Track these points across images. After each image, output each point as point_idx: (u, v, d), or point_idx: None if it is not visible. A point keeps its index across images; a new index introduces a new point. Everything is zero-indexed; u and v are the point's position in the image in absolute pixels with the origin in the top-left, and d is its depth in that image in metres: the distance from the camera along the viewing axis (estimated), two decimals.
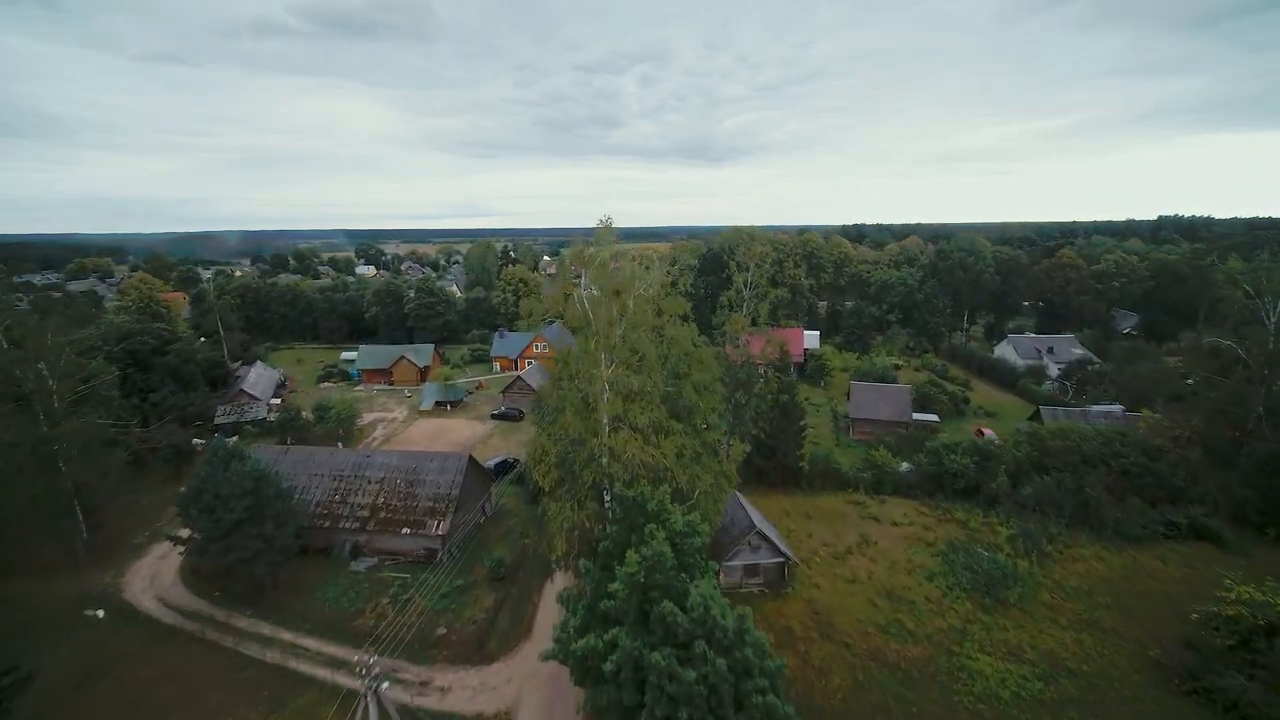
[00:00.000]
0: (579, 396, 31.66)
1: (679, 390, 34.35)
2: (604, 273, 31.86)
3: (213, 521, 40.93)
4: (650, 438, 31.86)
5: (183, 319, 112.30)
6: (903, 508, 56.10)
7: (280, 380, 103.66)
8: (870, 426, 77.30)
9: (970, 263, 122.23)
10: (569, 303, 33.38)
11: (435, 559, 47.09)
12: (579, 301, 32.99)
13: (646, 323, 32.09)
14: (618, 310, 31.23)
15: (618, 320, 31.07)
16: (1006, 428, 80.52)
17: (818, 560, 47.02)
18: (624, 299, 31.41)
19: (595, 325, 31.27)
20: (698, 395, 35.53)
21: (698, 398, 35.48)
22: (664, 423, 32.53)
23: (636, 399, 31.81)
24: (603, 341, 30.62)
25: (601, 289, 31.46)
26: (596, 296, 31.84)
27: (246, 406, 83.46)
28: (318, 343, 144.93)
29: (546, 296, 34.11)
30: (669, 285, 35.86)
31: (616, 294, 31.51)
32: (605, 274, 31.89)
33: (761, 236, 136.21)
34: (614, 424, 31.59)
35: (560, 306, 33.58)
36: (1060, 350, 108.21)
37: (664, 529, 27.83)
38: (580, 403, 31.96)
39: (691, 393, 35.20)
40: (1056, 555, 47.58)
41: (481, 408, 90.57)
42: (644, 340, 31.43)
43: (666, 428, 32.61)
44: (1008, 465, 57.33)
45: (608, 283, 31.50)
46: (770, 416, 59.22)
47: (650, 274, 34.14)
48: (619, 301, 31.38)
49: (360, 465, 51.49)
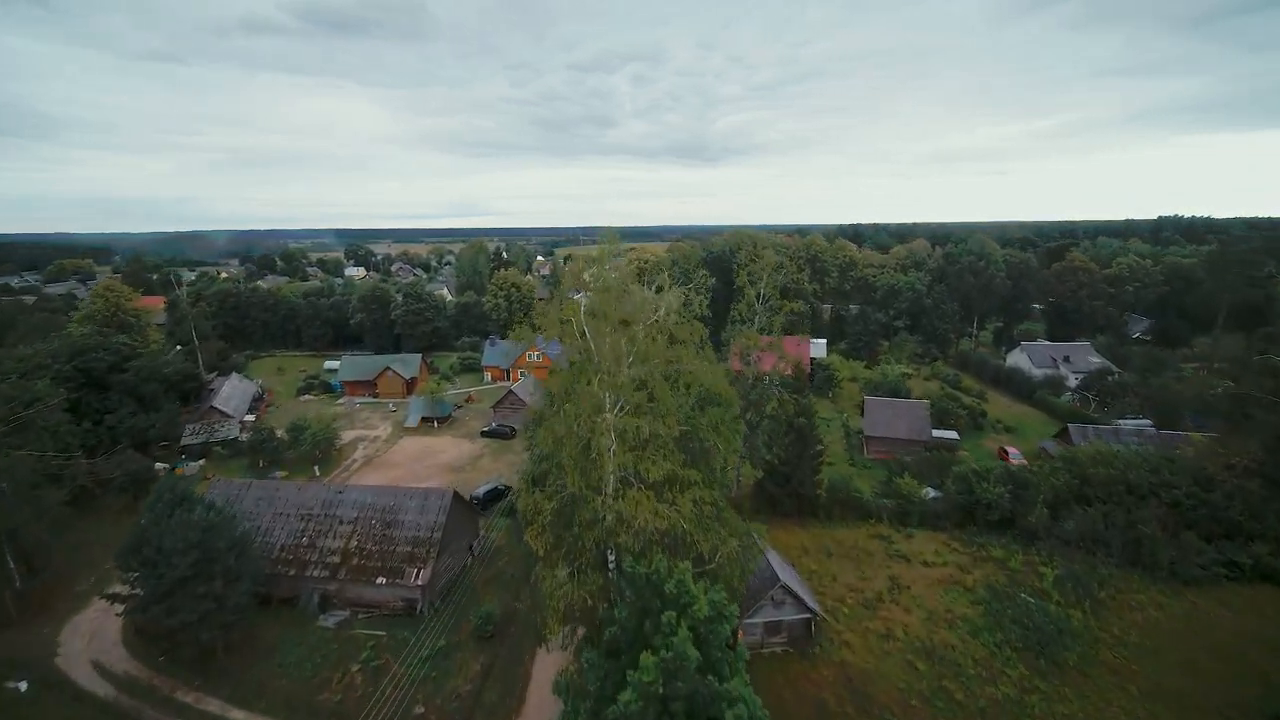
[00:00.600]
0: (578, 445, 26.32)
1: (694, 428, 29.09)
2: (609, 297, 26.48)
3: (154, 578, 35.45)
4: (664, 493, 26.62)
5: (155, 328, 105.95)
6: (932, 543, 51.09)
7: (257, 393, 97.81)
8: (887, 445, 72.37)
9: (981, 266, 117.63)
10: (566, 328, 27.98)
11: (415, 612, 41.68)
12: (578, 330, 27.63)
13: (659, 355, 26.78)
14: (626, 342, 25.94)
15: (626, 354, 25.75)
16: (1029, 445, 75.87)
17: (845, 610, 41.87)
18: (634, 329, 26.09)
19: (599, 361, 25.96)
20: (717, 435, 30.29)
21: (717, 438, 30.24)
22: (679, 472, 27.27)
23: (647, 446, 26.52)
24: (608, 380, 25.31)
25: (606, 316, 26.13)
26: (600, 324, 26.48)
27: (217, 425, 77.61)
28: (301, 350, 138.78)
29: (541, 319, 28.70)
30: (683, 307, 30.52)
31: (625, 324, 26.22)
32: (611, 298, 26.51)
33: (763, 238, 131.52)
34: (620, 478, 26.33)
35: (557, 331, 28.19)
36: (1077, 359, 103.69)
37: (685, 617, 22.61)
38: (580, 452, 26.63)
39: (710, 433, 29.94)
40: (1109, 602, 42.67)
41: (471, 423, 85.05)
42: (657, 378, 26.12)
43: (682, 478, 27.34)
44: (1045, 495, 52.38)
45: (614, 310, 26.16)
46: (785, 440, 54.15)
47: (665, 296, 28.76)
48: (628, 332, 26.08)
49: (331, 503, 45.94)
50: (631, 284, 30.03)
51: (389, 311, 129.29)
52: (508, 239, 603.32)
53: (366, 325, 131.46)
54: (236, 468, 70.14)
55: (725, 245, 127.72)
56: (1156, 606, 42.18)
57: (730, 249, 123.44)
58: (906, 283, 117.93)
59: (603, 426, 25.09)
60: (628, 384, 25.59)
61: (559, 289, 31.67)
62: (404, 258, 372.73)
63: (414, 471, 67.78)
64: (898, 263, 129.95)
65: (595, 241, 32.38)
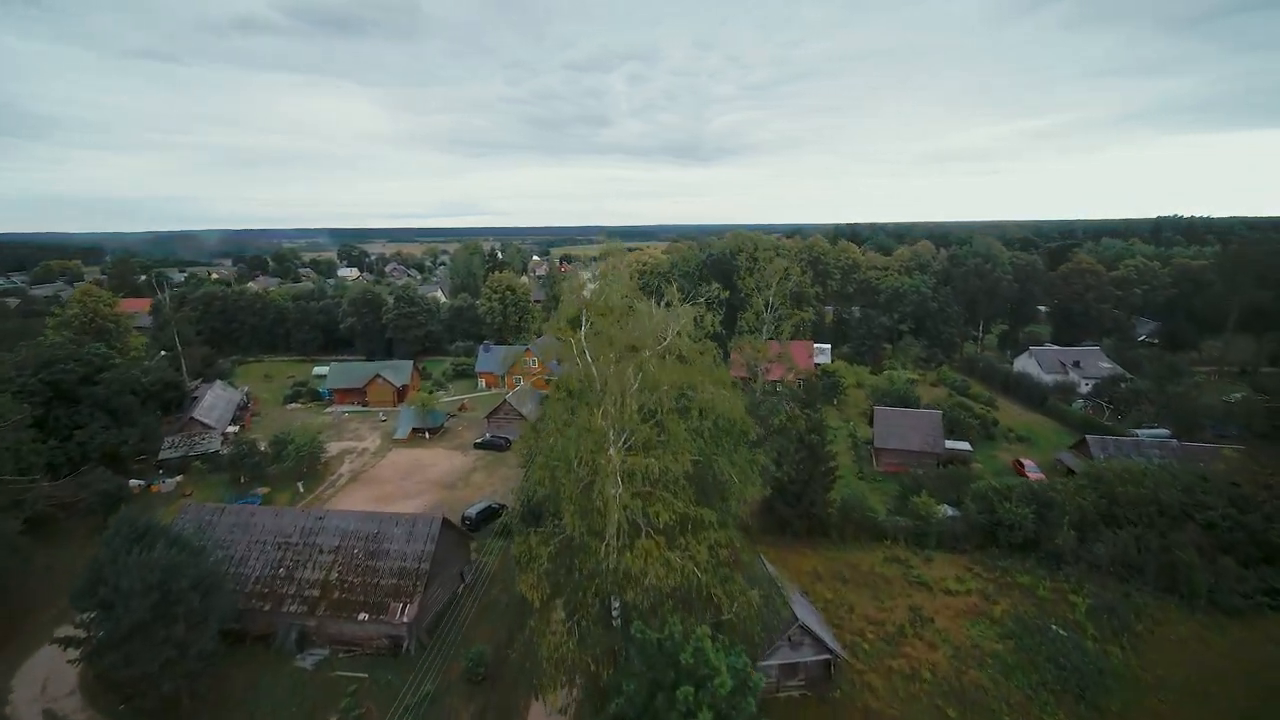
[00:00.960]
0: (579, 484, 23.16)
1: (707, 459, 25.95)
2: (613, 319, 23.31)
3: (110, 621, 32.14)
4: (676, 537, 23.50)
5: (137, 333, 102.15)
6: (953, 567, 48.13)
7: (242, 401, 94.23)
8: (898, 457, 69.40)
9: (987, 269, 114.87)
10: (565, 350, 24.77)
11: (401, 650, 38.46)
12: (578, 353, 24.44)
13: (670, 380, 23.62)
14: (633, 372, 22.78)
15: (633, 385, 22.61)
16: (1044, 456, 73.09)
17: (865, 647, 38.83)
18: (643, 358, 22.91)
19: (602, 389, 22.81)
20: (733, 467, 27.16)
21: (733, 470, 27.11)
22: (693, 513, 24.13)
23: (657, 485, 23.38)
24: (614, 415, 22.16)
25: (611, 341, 22.95)
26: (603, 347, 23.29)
27: (197, 437, 74.09)
28: (290, 354, 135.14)
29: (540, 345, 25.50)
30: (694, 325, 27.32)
31: (633, 350, 23.06)
32: (616, 320, 23.33)
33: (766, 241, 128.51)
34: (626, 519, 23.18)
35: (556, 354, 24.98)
36: (1088, 364, 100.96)
37: (705, 692, 19.51)
38: (580, 492, 23.48)
39: (726, 466, 26.80)
40: (1148, 636, 39.78)
41: (464, 434, 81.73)
42: (668, 408, 22.97)
43: (696, 519, 24.20)
44: (1071, 515, 49.46)
45: (620, 335, 22.98)
46: (795, 457, 51.13)
47: (675, 315, 25.56)
48: (634, 359, 22.91)
49: (311, 530, 42.63)
50: (637, 302, 26.79)
51: (380, 315, 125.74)
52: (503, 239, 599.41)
53: (357, 329, 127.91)
54: (216, 483, 66.76)
55: (726, 247, 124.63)
56: (1199, 641, 39.32)
57: (731, 251, 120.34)
58: (911, 285, 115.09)
59: (608, 468, 21.92)
60: (635, 416, 22.43)
61: (558, 309, 28.37)
62: (398, 258, 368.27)
63: (403, 488, 64.49)
64: (901, 265, 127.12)
65: (592, 241, 29.16)
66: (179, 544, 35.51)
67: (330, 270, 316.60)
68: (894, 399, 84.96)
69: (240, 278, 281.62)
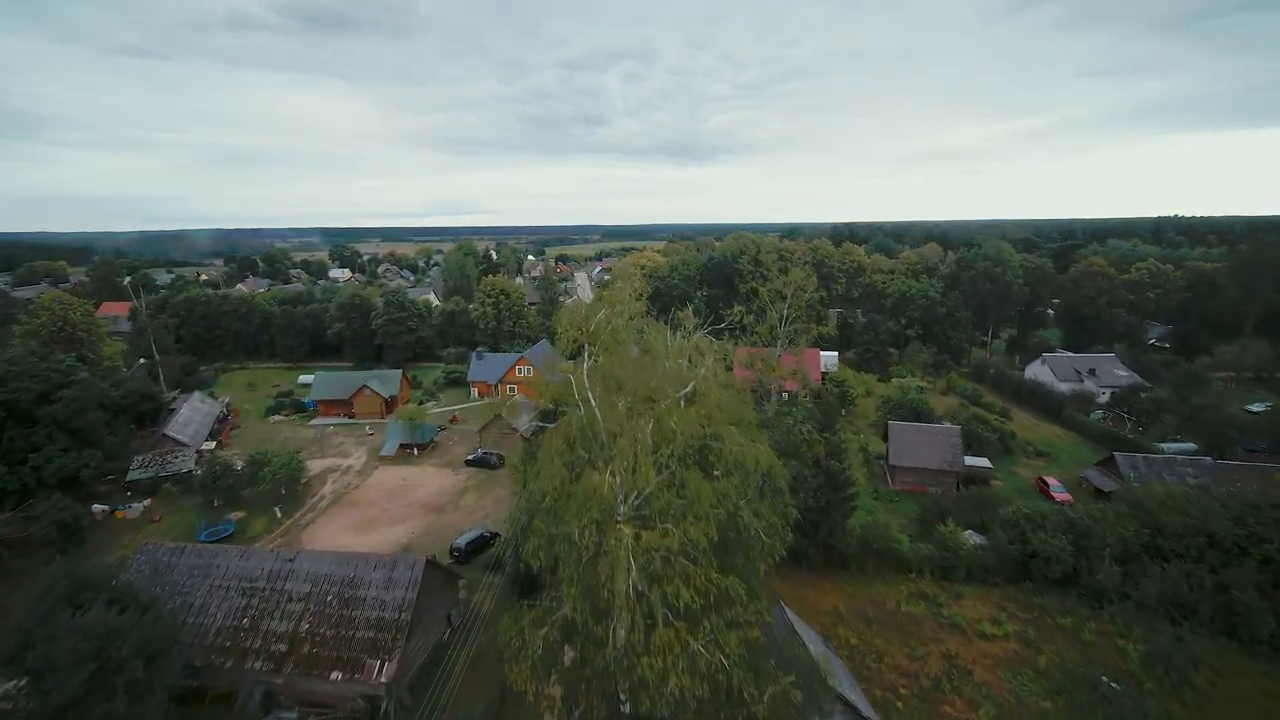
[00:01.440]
0: (581, 559, 19.03)
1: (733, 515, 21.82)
2: (624, 362, 19.15)
3: (40, 693, 27.88)
4: (699, 620, 19.40)
5: (112, 341, 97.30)
6: (985, 604, 44.21)
7: (222, 414, 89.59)
8: (914, 475, 65.56)
9: (998, 273, 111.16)
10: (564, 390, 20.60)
11: (379, 713, 34.25)
12: (580, 397, 20.27)
13: (692, 430, 19.44)
14: (650, 427, 18.66)
15: (649, 444, 18.47)
16: (1067, 473, 69.36)
17: (899, 706, 34.84)
18: (661, 410, 18.76)
19: (609, 445, 18.71)
20: (759, 520, 23.04)
21: (759, 523, 23.00)
22: (716, 582, 19.97)
23: (676, 556, 19.25)
24: (627, 479, 18.05)
25: (620, 385, 18.82)
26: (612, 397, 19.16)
27: (170, 456, 69.51)
28: (275, 361, 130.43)
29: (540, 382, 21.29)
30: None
31: (650, 402, 18.93)
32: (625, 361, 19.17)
33: (768, 243, 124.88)
34: (641, 611, 19.10)
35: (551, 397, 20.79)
36: (1104, 372, 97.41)
37: None
38: (583, 566, 19.34)
39: (750, 518, 22.66)
40: (1209, 689, 35.95)
41: (455, 450, 77.39)
42: (689, 467, 18.85)
43: (721, 592, 20.06)
44: (1112, 546, 45.57)
45: (632, 381, 18.84)
46: (812, 484, 47.11)
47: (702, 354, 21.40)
48: (653, 412, 18.79)
49: (279, 574, 38.32)
50: (650, 333, 22.57)
51: (369, 320, 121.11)
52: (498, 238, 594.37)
53: (345, 335, 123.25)
54: (188, 507, 62.28)
55: (727, 250, 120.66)
56: (1266, 696, 35.49)
57: (733, 254, 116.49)
58: (919, 289, 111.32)
59: (617, 549, 17.78)
60: (650, 477, 18.31)
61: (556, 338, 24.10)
62: (391, 259, 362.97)
63: (388, 512, 60.18)
64: (908, 268, 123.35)
65: (588, 240, 24.92)
66: (124, 600, 31.24)
67: (322, 271, 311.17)
68: (906, 410, 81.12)
69: (230, 279, 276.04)
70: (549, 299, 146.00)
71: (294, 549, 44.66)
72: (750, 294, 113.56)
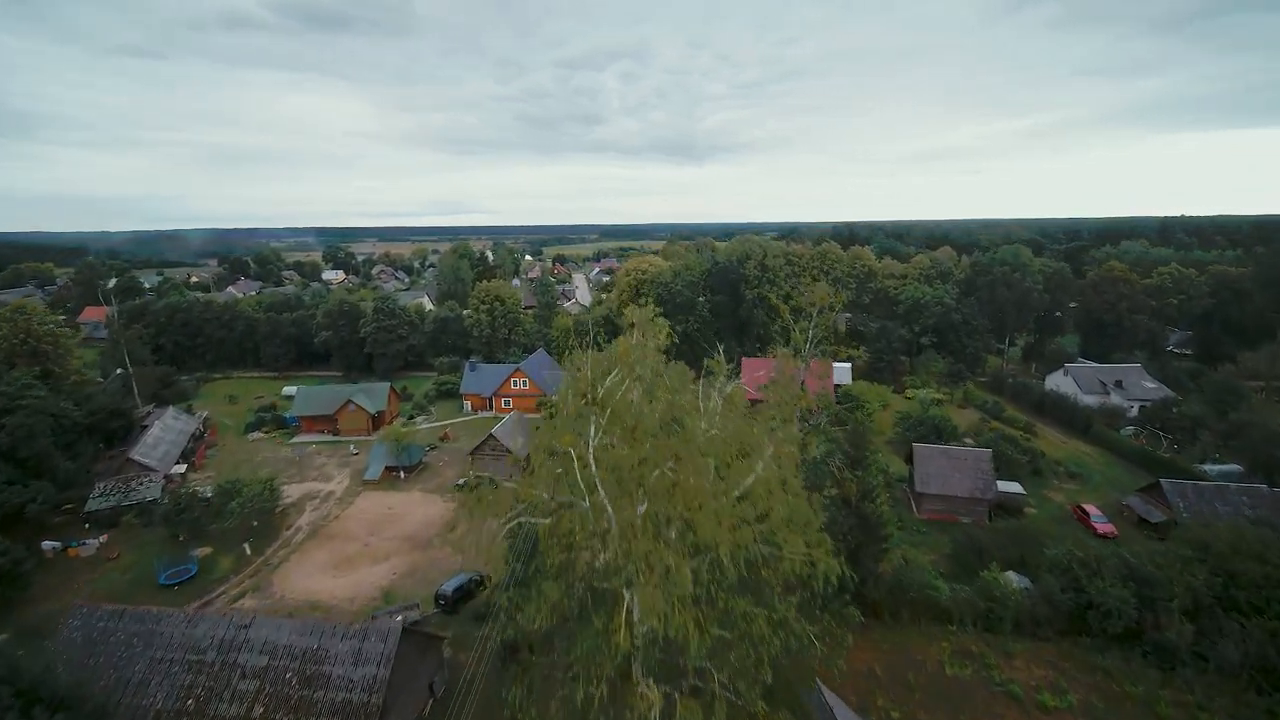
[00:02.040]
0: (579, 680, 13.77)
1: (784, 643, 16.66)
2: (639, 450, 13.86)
3: None
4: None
5: (78, 354, 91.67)
6: (1040, 665, 39.10)
7: (198, 431, 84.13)
8: (942, 503, 60.45)
9: (1016, 279, 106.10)
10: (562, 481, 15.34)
11: None
12: (585, 484, 15.02)
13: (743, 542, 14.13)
14: (674, 532, 13.44)
15: (687, 584, 13.15)
16: (1104, 498, 64.41)
17: None
18: (702, 521, 13.43)
19: (626, 558, 13.47)
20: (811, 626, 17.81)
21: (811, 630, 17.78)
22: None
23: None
24: (654, 621, 12.82)
25: (641, 482, 13.59)
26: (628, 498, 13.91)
27: (135, 482, 64.06)
28: (261, 370, 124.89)
29: (525, 482, 15.95)
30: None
31: (688, 520, 13.62)
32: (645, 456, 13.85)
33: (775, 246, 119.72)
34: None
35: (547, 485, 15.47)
36: (1130, 383, 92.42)
37: None
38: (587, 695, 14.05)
39: (804, 630, 17.39)
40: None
41: (445, 472, 72.08)
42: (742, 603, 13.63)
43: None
44: (1182, 598, 40.43)
45: (660, 483, 13.59)
46: (844, 527, 41.90)
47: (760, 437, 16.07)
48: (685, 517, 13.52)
49: (231, 644, 32.99)
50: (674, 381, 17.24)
51: (358, 328, 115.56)
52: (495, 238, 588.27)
53: (333, 344, 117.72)
54: (151, 541, 56.95)
55: (732, 254, 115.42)
56: None
57: (738, 259, 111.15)
58: (934, 295, 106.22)
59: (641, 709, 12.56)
60: (687, 628, 13.06)
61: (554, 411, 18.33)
62: (386, 260, 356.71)
63: (368, 549, 54.85)
64: (920, 272, 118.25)
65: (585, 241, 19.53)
66: (31, 694, 25.89)
67: (315, 273, 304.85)
68: (927, 428, 76.06)
69: (220, 281, 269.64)
70: (546, 303, 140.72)
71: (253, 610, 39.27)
72: (757, 300, 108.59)
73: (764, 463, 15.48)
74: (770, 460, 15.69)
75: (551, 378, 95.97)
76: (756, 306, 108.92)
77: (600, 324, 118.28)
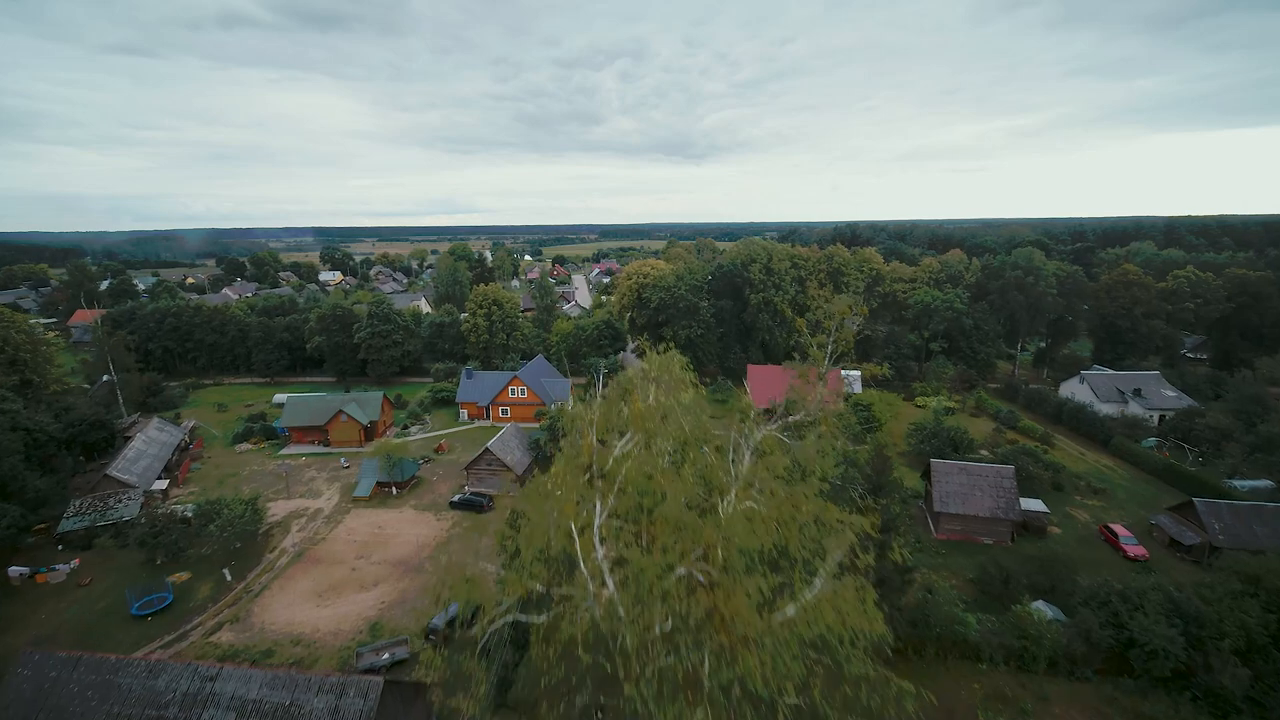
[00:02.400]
0: None
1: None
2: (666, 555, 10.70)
3: None
4: None
5: (59, 365, 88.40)
6: (1081, 712, 36.01)
7: (183, 442, 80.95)
8: (962, 523, 57.40)
9: (1029, 283, 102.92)
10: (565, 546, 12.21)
11: None
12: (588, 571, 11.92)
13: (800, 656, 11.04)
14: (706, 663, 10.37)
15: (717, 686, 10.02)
16: (1132, 515, 61.40)
17: None
18: (748, 653, 10.39)
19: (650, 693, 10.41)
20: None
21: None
22: None
23: None
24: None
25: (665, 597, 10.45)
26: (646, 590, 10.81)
27: (113, 499, 60.94)
28: (252, 377, 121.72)
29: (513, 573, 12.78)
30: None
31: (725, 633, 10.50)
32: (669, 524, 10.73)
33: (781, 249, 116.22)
34: None
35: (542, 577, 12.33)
36: (1150, 392, 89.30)
37: None
38: None
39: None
40: None
41: (439, 488, 68.90)
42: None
43: None
44: (1234, 637, 37.33)
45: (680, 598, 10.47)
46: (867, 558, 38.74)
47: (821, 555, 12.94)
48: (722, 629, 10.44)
49: (195, 698, 29.84)
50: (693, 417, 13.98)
51: (352, 333, 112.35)
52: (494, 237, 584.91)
53: (326, 349, 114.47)
54: (127, 565, 53.75)
55: (736, 257, 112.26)
56: None
57: (742, 262, 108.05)
58: (944, 300, 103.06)
59: None
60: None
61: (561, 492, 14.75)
62: (384, 260, 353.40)
63: (356, 574, 51.71)
64: (930, 276, 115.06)
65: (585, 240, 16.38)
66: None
67: (312, 274, 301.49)
68: (942, 440, 72.97)
69: (216, 282, 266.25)
70: (546, 306, 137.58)
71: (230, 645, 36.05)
72: (762, 305, 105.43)
73: (827, 567, 12.40)
74: (833, 562, 12.60)
75: (550, 386, 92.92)
76: (762, 311, 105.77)
77: (601, 328, 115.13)
